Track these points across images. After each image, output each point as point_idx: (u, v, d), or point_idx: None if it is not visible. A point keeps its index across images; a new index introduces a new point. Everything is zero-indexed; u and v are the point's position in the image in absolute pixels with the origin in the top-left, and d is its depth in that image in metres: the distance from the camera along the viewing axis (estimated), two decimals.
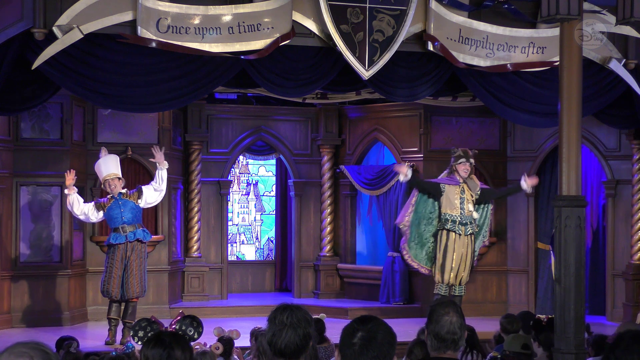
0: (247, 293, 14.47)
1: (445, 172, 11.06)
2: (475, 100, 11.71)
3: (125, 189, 10.54)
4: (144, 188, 10.57)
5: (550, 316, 7.59)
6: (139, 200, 10.50)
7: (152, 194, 10.56)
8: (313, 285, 14.17)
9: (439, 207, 10.87)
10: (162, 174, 10.57)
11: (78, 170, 11.88)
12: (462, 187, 10.80)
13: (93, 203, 10.50)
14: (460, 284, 10.80)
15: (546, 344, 6.96)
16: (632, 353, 3.24)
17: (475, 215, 10.84)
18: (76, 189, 10.37)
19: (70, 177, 10.28)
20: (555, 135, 11.34)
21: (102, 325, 11.81)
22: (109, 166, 10.54)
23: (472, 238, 10.86)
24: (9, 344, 2.41)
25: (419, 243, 10.91)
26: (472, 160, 10.92)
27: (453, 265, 10.70)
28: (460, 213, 10.78)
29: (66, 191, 10.33)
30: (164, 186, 10.60)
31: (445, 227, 10.76)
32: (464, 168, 10.85)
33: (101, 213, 10.40)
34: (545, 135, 12.66)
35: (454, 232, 10.76)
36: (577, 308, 7.04)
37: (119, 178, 10.51)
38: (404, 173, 10.81)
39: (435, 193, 10.82)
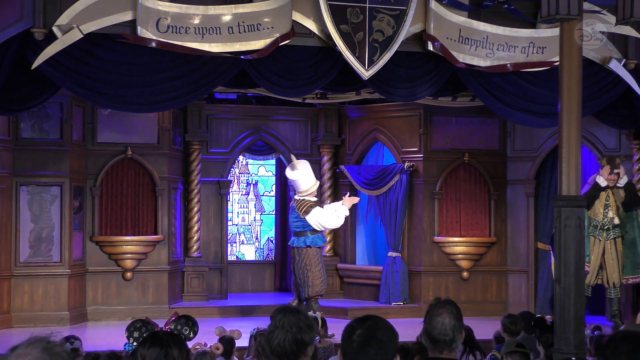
0: (247, 293, 14.46)
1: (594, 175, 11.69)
2: (475, 100, 11.71)
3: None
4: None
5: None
6: None
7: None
8: None
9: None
10: (340, 212, 11.14)
11: (78, 170, 11.92)
12: (607, 194, 11.33)
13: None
14: (614, 287, 11.50)
15: (547, 345, 6.95)
16: (621, 354, 3.27)
17: (617, 221, 11.43)
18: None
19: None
20: (555, 135, 11.33)
21: (102, 325, 11.82)
22: (312, 174, 11.26)
23: (615, 242, 11.45)
24: (8, 345, 2.40)
25: None
26: (617, 170, 11.49)
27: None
28: (603, 218, 11.47)
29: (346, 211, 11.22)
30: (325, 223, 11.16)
31: (592, 233, 11.50)
32: (610, 178, 11.45)
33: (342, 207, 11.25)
34: (545, 135, 12.65)
35: (594, 236, 11.46)
36: (577, 308, 7.04)
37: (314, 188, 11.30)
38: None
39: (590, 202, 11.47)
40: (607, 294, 11.58)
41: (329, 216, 11.10)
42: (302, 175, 11.13)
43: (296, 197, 11.32)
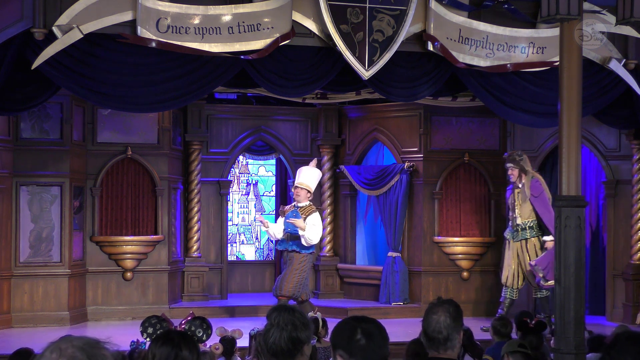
0: (247, 293, 14.46)
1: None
2: (475, 100, 11.71)
3: (308, 204, 11.13)
4: (312, 220, 11.05)
5: (538, 317, 7.58)
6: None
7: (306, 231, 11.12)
8: (313, 285, 14.15)
9: None
10: (304, 239, 11.05)
11: (78, 170, 11.93)
12: (516, 192, 11.46)
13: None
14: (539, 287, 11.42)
15: (531, 347, 6.94)
16: (627, 353, 3.29)
17: (519, 220, 11.40)
18: (271, 225, 11.46)
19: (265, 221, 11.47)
20: (555, 135, 11.34)
21: (102, 325, 11.83)
22: (303, 175, 11.30)
23: (526, 243, 11.43)
24: (8, 345, 2.40)
25: None
26: (508, 165, 11.52)
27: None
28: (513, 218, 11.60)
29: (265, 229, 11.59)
30: (303, 238, 11.04)
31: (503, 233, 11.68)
32: (508, 173, 11.54)
33: (281, 219, 11.26)
34: (545, 135, 12.65)
35: (506, 238, 11.64)
36: (577, 308, 7.04)
37: (308, 191, 11.18)
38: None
39: None
40: (533, 294, 11.56)
41: None
42: (302, 171, 11.40)
43: None
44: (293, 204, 11.29)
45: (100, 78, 8.77)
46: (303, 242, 10.94)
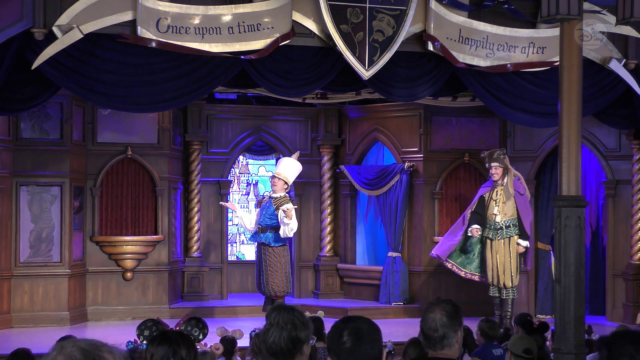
0: (247, 293, 14.44)
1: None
2: (475, 100, 11.71)
3: (283, 195, 10.96)
4: (289, 212, 10.80)
5: (542, 318, 7.57)
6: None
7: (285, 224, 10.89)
8: (313, 285, 14.17)
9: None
10: (286, 229, 10.83)
11: (78, 170, 11.93)
12: (497, 191, 11.35)
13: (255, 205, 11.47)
14: (505, 287, 11.45)
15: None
16: (625, 350, 3.32)
17: (499, 218, 11.40)
18: (243, 213, 11.59)
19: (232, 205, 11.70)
20: (555, 135, 11.34)
21: (102, 325, 11.83)
22: (282, 166, 11.22)
23: (509, 241, 11.40)
24: (8, 345, 2.40)
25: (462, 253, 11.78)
26: (493, 164, 11.44)
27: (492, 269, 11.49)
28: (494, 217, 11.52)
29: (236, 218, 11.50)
30: (287, 226, 10.83)
31: (484, 234, 11.54)
32: (491, 172, 11.50)
33: (257, 210, 11.21)
34: (545, 135, 12.65)
35: (488, 238, 11.47)
36: (577, 308, 7.04)
37: (285, 182, 11.01)
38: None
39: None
40: (501, 294, 11.52)
41: None
42: (282, 161, 11.37)
43: None
44: (269, 195, 11.28)
45: (100, 78, 8.77)
46: (284, 233, 10.83)
